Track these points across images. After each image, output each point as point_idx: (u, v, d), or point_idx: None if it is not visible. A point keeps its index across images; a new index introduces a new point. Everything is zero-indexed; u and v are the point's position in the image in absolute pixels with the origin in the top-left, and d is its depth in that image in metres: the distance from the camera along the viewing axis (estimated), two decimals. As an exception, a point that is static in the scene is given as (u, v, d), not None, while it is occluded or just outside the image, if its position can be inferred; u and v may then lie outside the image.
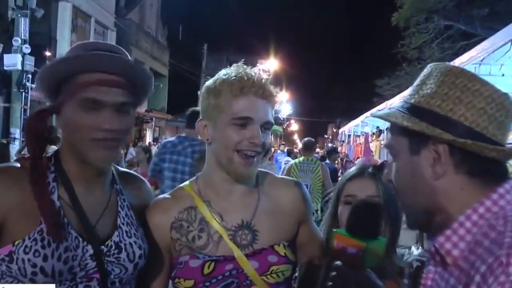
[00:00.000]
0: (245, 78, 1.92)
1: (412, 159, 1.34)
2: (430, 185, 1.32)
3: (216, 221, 1.97)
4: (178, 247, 1.96)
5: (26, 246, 1.62)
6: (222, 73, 1.97)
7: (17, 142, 14.24)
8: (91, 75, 1.71)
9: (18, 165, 1.78)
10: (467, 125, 1.27)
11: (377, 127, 24.37)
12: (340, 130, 43.08)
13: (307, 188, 2.33)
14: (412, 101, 1.36)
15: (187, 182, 2.12)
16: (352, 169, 2.19)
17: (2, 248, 1.65)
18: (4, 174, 1.73)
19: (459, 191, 1.29)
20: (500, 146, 1.27)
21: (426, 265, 1.43)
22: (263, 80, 1.95)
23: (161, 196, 2.12)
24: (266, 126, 1.94)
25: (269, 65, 40.96)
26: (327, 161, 12.99)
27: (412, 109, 1.35)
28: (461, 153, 1.27)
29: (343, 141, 34.85)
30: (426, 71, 1.40)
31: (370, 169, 2.11)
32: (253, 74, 1.95)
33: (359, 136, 28.88)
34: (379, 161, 2.17)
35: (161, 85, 36.33)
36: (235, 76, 1.93)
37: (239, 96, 1.90)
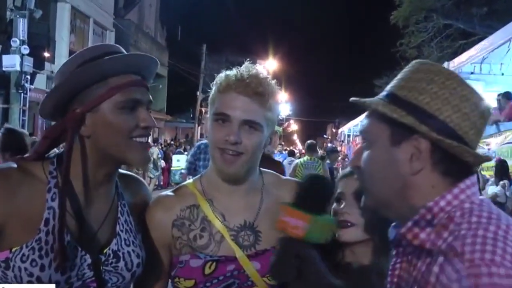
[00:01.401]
0: (233, 75, 1.91)
1: (390, 150, 1.35)
2: (403, 179, 1.33)
3: (218, 220, 1.95)
4: (179, 245, 1.94)
5: (23, 255, 1.59)
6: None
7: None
8: (124, 77, 1.73)
9: (15, 165, 1.73)
10: (451, 127, 1.29)
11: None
12: (340, 130, 43.13)
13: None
14: (398, 92, 1.36)
15: (191, 180, 2.11)
16: (347, 169, 2.17)
17: (0, 253, 1.62)
18: (4, 177, 1.67)
19: (430, 188, 1.32)
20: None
21: (389, 260, 1.46)
22: (254, 78, 1.89)
23: (164, 193, 2.10)
24: (249, 124, 1.88)
25: (268, 66, 40.93)
26: (328, 161, 13.02)
27: (397, 101, 1.35)
28: (441, 153, 1.29)
29: (342, 141, 34.88)
30: (412, 67, 1.41)
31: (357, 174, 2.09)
32: (244, 72, 1.91)
33: (358, 136, 28.91)
34: None
35: (160, 86, 36.33)
36: (226, 74, 1.93)
37: (223, 93, 1.90)
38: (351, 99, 1.48)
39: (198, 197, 2.00)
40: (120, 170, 2.00)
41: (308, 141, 12.08)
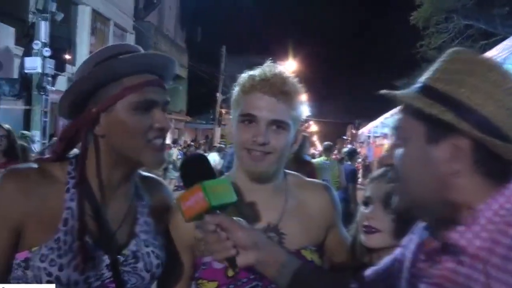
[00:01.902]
0: (257, 75, 1.90)
1: (426, 149, 1.25)
2: (440, 180, 1.23)
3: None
4: (202, 247, 1.89)
5: (42, 255, 1.61)
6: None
7: (37, 145, 14.35)
8: (139, 77, 1.71)
9: (35, 166, 1.74)
10: (494, 123, 1.19)
11: (397, 128, 24.19)
12: (359, 132, 42.87)
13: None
14: (434, 85, 1.26)
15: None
16: (377, 171, 2.13)
17: (19, 253, 1.64)
18: (23, 177, 1.68)
19: (473, 190, 1.22)
20: None
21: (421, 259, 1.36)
22: (278, 77, 1.89)
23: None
24: (276, 124, 1.88)
25: (288, 67, 40.87)
26: (348, 162, 12.92)
27: (434, 95, 1.24)
28: (483, 152, 1.19)
29: (362, 143, 34.70)
30: (448, 56, 1.30)
31: (390, 173, 1.98)
32: (268, 72, 1.90)
33: (378, 137, 28.73)
34: None
35: (180, 87, 36.45)
36: (250, 74, 1.92)
37: (247, 94, 1.89)
38: (382, 91, 1.38)
39: None
40: (142, 172, 2.01)
41: (325, 143, 12.17)
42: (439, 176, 1.23)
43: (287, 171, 2.10)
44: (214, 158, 20.46)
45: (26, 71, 14.88)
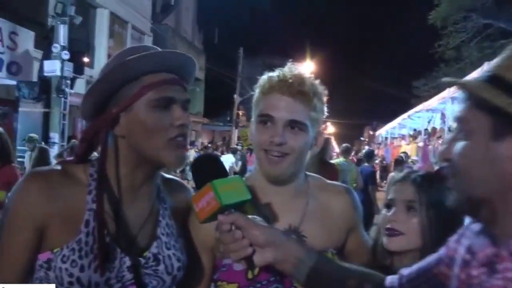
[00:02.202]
0: (275, 76, 1.89)
1: (491, 145, 1.14)
2: (505, 179, 1.13)
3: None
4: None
5: (64, 255, 1.62)
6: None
7: (56, 147, 14.49)
8: (157, 75, 1.72)
9: (59, 167, 1.76)
10: None
11: (415, 129, 24.04)
12: (377, 133, 42.65)
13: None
14: (505, 75, 1.14)
15: None
16: (400, 173, 2.12)
17: (42, 254, 1.65)
18: (46, 179, 1.69)
19: None
20: None
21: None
22: (297, 78, 1.88)
23: None
24: (293, 125, 1.86)
25: (305, 68, 40.74)
26: (366, 164, 12.90)
27: (503, 85, 1.13)
28: None
29: (379, 144, 34.53)
30: None
31: (413, 175, 2.02)
32: (287, 72, 1.90)
33: (396, 138, 28.57)
34: (434, 169, 2.08)
35: (198, 89, 36.55)
36: (269, 75, 1.92)
37: (266, 95, 1.89)
38: (444, 79, 1.27)
39: None
40: (165, 175, 2.01)
41: (344, 145, 12.20)
42: (503, 175, 1.13)
43: (308, 173, 2.09)
44: (230, 159, 20.53)
45: (45, 74, 14.99)
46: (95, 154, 1.85)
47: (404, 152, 17.43)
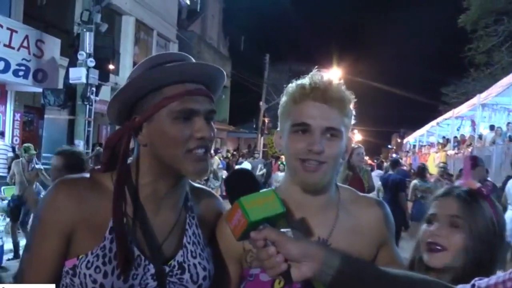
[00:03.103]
0: (307, 83, 1.87)
1: None
2: None
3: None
4: (250, 258, 1.89)
5: (88, 261, 1.64)
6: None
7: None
8: (179, 86, 1.73)
9: (88, 175, 1.80)
10: None
11: (443, 136, 23.79)
12: (405, 140, 42.27)
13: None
14: None
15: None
16: (441, 189, 2.08)
17: (68, 261, 1.68)
18: (76, 186, 1.74)
19: None
20: None
21: None
22: (328, 85, 1.86)
23: None
24: (329, 133, 1.84)
25: (332, 74, 40.63)
26: (390, 171, 12.73)
27: None
28: None
29: (407, 152, 34.23)
30: None
31: (457, 190, 1.98)
32: (318, 79, 1.88)
33: (424, 146, 28.27)
34: (476, 186, 2.04)
35: (223, 96, 36.65)
36: (299, 83, 1.90)
37: (299, 103, 1.87)
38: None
39: None
40: (193, 184, 2.02)
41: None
42: None
43: (340, 184, 2.08)
44: (247, 167, 20.55)
45: (70, 81, 15.13)
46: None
47: (422, 163, 17.06)
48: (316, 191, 1.91)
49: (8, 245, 9.99)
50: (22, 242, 10.00)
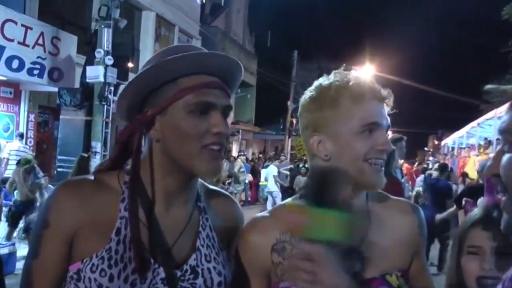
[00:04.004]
0: (361, 82, 1.87)
1: None
2: None
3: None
4: (280, 271, 1.87)
5: (93, 265, 1.63)
6: (323, 83, 1.90)
7: (98, 156, 14.68)
8: (196, 78, 1.72)
9: (91, 176, 1.80)
10: None
11: (485, 138, 23.45)
12: (442, 142, 41.92)
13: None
14: None
15: (289, 199, 2.04)
16: (475, 212, 2.01)
17: (72, 265, 1.68)
18: (78, 188, 1.74)
19: None
20: None
21: None
22: (373, 83, 1.89)
23: (260, 214, 2.05)
24: (388, 130, 1.91)
25: (364, 72, 40.52)
26: (434, 176, 12.51)
27: None
28: None
29: (445, 155, 33.85)
30: None
31: (496, 213, 1.90)
32: (362, 78, 1.90)
33: (463, 148, 27.93)
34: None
35: (249, 96, 36.69)
36: (350, 82, 1.87)
37: (362, 102, 1.84)
38: (486, 87, 1.31)
39: None
40: (209, 186, 2.02)
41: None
42: None
43: None
44: (273, 171, 20.46)
45: (87, 80, 15.22)
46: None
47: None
48: (377, 190, 1.94)
49: (22, 251, 10.04)
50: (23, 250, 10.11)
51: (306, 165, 19.61)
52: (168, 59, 1.71)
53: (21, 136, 14.98)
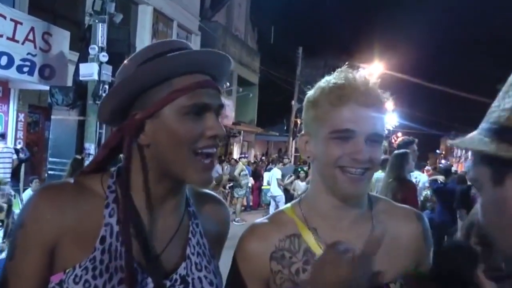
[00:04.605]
0: (345, 84, 1.85)
1: (495, 192, 1.18)
2: None
3: None
4: (279, 280, 1.90)
5: (76, 276, 1.60)
6: (323, 80, 1.92)
7: (91, 158, 14.56)
8: (189, 77, 1.70)
9: (72, 180, 1.76)
10: None
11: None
12: (456, 145, 41.98)
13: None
14: (492, 119, 1.21)
15: (288, 205, 2.08)
16: None
17: (54, 276, 1.64)
18: (58, 193, 1.70)
19: None
20: None
21: None
22: (368, 85, 1.85)
23: (258, 220, 2.07)
24: (373, 138, 1.84)
25: (373, 70, 40.42)
26: (441, 179, 12.47)
27: (494, 130, 1.18)
28: None
29: (459, 158, 33.85)
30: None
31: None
32: (355, 78, 1.86)
33: (479, 151, 27.89)
34: None
35: (251, 95, 36.66)
36: (334, 83, 1.87)
37: (338, 106, 1.83)
38: (449, 143, 1.37)
39: (299, 225, 1.96)
40: (198, 189, 2.00)
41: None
42: None
43: (372, 194, 2.09)
44: (276, 174, 20.36)
45: (81, 78, 15.21)
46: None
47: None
48: (352, 202, 1.92)
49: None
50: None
51: (305, 169, 19.57)
52: (159, 60, 1.68)
53: (2, 136, 14.79)
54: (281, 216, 2.02)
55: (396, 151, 8.06)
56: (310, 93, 1.95)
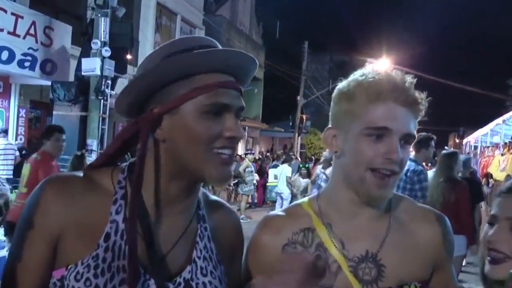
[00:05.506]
0: (385, 80, 1.83)
1: None
2: None
3: (336, 248, 1.88)
4: None
5: (77, 273, 1.58)
6: (358, 74, 1.89)
7: (93, 155, 14.59)
8: (212, 76, 1.68)
9: (81, 174, 1.74)
10: None
11: (511, 136, 23.39)
12: (464, 141, 41.89)
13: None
14: None
15: (305, 199, 2.07)
16: (505, 184, 1.99)
17: (56, 271, 1.63)
18: (65, 185, 1.69)
19: None
20: None
21: None
22: (406, 84, 1.84)
23: (273, 212, 2.10)
24: (406, 139, 1.83)
25: (380, 65, 40.33)
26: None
27: None
28: None
29: (468, 154, 33.82)
30: None
31: None
32: (394, 76, 1.85)
33: (488, 147, 27.86)
34: None
35: (256, 90, 36.62)
36: (373, 77, 1.85)
37: (376, 102, 1.82)
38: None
39: (314, 219, 1.95)
40: (209, 195, 1.99)
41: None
42: None
43: (395, 192, 2.01)
44: (286, 171, 20.30)
45: (83, 73, 15.25)
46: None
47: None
48: (373, 204, 1.90)
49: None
50: None
51: (307, 166, 19.51)
52: (183, 56, 1.66)
53: (5, 132, 14.80)
54: (297, 209, 2.02)
55: (444, 151, 8.04)
56: (343, 85, 1.92)
